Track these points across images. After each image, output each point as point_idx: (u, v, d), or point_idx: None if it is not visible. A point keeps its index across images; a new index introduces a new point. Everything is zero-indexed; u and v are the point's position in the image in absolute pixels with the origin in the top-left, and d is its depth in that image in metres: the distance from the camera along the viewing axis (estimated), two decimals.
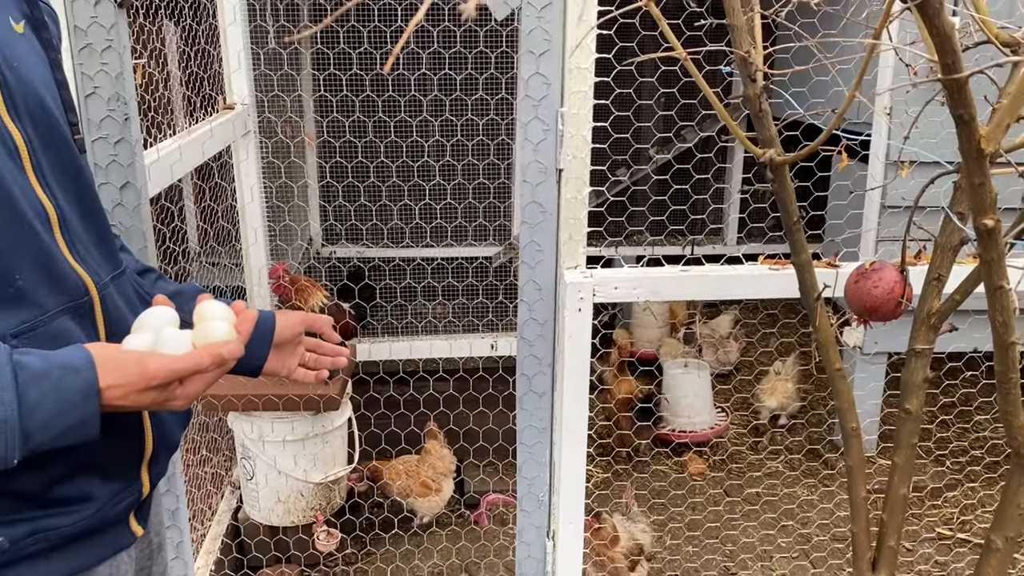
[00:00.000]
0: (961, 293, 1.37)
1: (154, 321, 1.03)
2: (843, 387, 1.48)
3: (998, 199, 1.02)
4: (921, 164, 2.14)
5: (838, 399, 1.49)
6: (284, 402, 2.74)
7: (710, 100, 1.40)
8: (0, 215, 0.95)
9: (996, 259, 1.06)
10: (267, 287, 3.34)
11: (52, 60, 1.09)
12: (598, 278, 1.74)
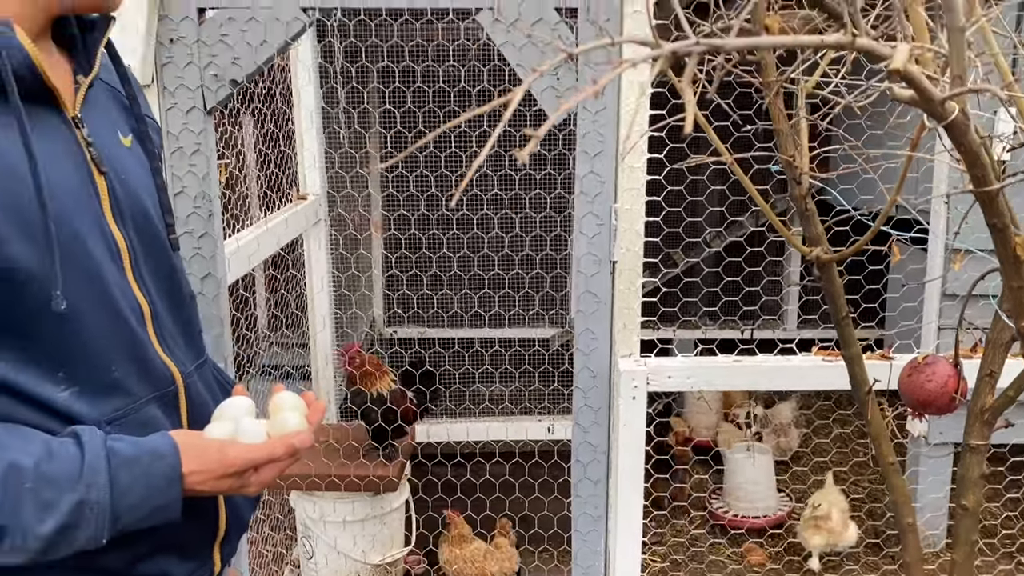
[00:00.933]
0: (1015, 389, 1.38)
1: (233, 411, 1.11)
2: (898, 482, 1.48)
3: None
4: (976, 256, 2.16)
5: (893, 493, 1.49)
6: (346, 483, 2.80)
7: (756, 200, 1.46)
8: (101, 312, 1.05)
9: None
10: (332, 368, 3.45)
11: (154, 168, 1.21)
12: (652, 366, 1.79)
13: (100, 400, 1.05)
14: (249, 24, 1.68)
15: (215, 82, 1.70)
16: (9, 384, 0.97)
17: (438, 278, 3.74)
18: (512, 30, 1.69)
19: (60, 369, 1.01)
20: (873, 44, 0.70)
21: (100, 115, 1.12)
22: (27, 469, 0.93)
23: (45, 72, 0.97)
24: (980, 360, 1.44)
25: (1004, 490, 3.53)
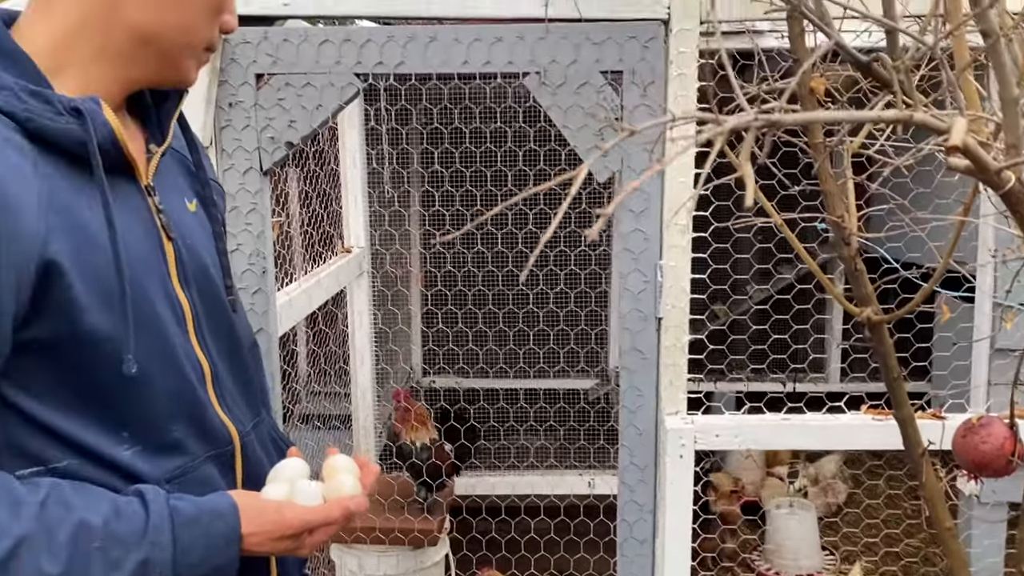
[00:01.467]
0: None
1: (288, 473, 1.13)
2: (955, 547, 1.45)
3: None
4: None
5: (949, 558, 1.45)
6: (390, 537, 2.80)
7: (804, 259, 1.47)
8: (166, 374, 1.08)
9: None
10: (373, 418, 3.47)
11: (216, 232, 1.25)
12: (699, 425, 1.78)
13: (161, 459, 1.08)
14: (305, 89, 1.74)
15: (271, 144, 1.76)
16: (79, 443, 1.00)
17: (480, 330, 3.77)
18: (558, 93, 1.73)
19: (125, 429, 1.04)
20: (930, 119, 0.72)
21: (169, 182, 1.16)
22: (96, 528, 0.95)
23: (126, 145, 1.02)
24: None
25: None
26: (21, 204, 0.90)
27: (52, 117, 0.95)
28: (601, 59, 1.71)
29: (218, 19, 1.08)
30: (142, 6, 1.00)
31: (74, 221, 0.96)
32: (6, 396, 0.96)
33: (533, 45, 1.70)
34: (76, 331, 0.96)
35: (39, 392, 0.98)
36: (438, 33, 1.71)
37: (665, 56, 1.71)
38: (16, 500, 0.92)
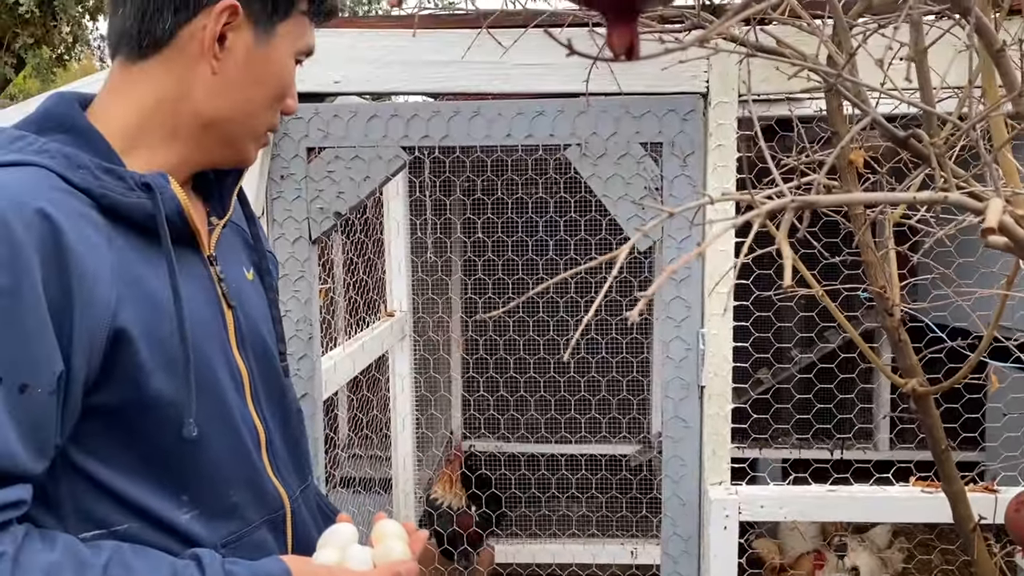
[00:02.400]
0: None
1: (338, 539, 1.15)
2: None
3: None
4: None
5: None
6: None
7: (846, 328, 1.46)
8: (225, 438, 1.11)
9: None
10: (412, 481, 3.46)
11: (271, 300, 1.29)
12: (743, 495, 1.76)
13: (218, 524, 1.10)
14: (353, 161, 1.80)
15: (320, 214, 1.82)
16: (140, 507, 1.03)
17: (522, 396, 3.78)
18: (598, 164, 1.77)
19: (185, 493, 1.06)
20: (966, 200, 0.73)
21: (229, 252, 1.21)
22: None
23: (192, 217, 1.07)
24: None
25: None
26: (96, 275, 0.95)
27: (124, 193, 1.00)
28: (641, 131, 1.75)
29: (280, 104, 1.14)
30: (211, 95, 1.06)
31: (142, 290, 1.01)
32: (74, 461, 0.99)
33: (574, 118, 1.75)
34: (142, 396, 1.00)
35: (105, 456, 1.01)
36: (481, 108, 1.76)
37: (704, 128, 1.75)
38: (81, 563, 0.94)
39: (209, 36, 1.03)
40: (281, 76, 1.12)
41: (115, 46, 1.08)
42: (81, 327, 0.93)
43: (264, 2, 1.06)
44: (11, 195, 0.91)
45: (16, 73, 8.57)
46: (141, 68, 1.05)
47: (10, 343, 0.90)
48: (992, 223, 0.69)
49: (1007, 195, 0.92)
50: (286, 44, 1.10)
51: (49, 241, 0.91)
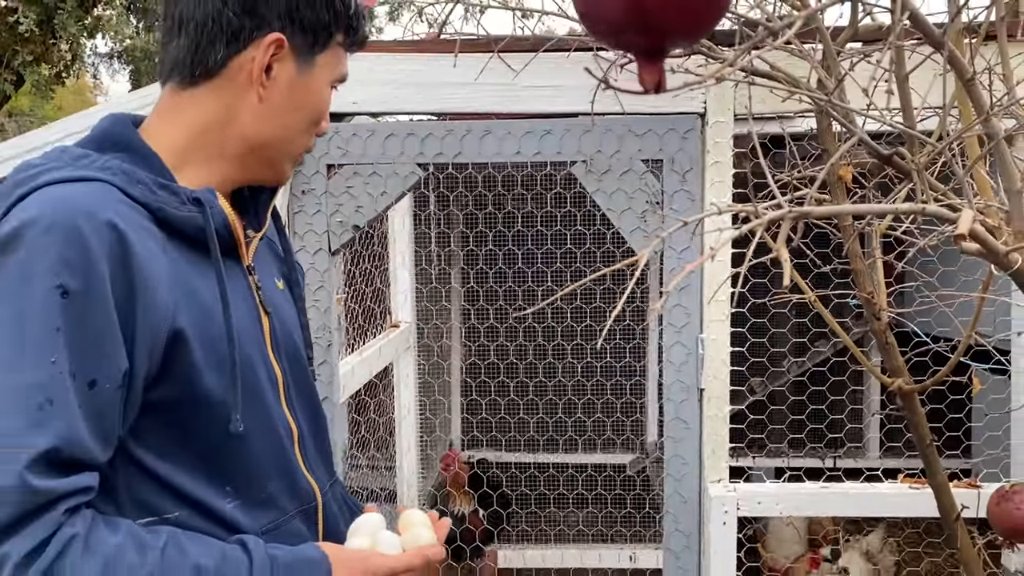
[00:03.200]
0: None
1: (368, 527, 1.24)
2: None
3: None
4: None
5: None
6: None
7: (837, 332, 1.57)
8: (264, 434, 1.20)
9: None
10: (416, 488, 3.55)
11: (299, 308, 1.39)
12: (742, 492, 1.86)
13: (257, 513, 1.19)
14: (371, 177, 1.91)
15: (340, 227, 1.92)
16: (190, 496, 1.12)
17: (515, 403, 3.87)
18: (603, 179, 1.88)
19: (229, 484, 1.15)
20: (941, 211, 0.84)
21: (264, 263, 1.31)
22: (208, 570, 1.05)
23: (237, 230, 1.17)
24: None
25: None
26: (157, 281, 1.04)
27: (177, 207, 1.10)
28: (643, 148, 1.86)
29: (316, 128, 1.24)
30: (256, 121, 1.16)
31: (194, 296, 1.10)
32: (132, 453, 1.08)
33: (580, 137, 1.86)
34: (194, 393, 1.09)
35: (159, 450, 1.09)
36: (492, 127, 1.87)
37: (702, 146, 1.86)
38: (142, 544, 1.03)
39: (257, 67, 1.13)
40: (319, 102, 1.22)
41: (167, 73, 1.17)
42: (144, 328, 1.03)
43: (306, 36, 1.16)
44: (82, 207, 1.01)
45: (15, 90, 8.69)
46: (191, 94, 1.15)
47: (82, 342, 0.98)
48: (963, 231, 0.80)
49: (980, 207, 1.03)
50: (324, 73, 1.20)
51: (116, 249, 1.00)
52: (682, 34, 0.55)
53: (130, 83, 11.44)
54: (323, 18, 1.16)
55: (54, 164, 1.09)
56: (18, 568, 0.94)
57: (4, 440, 0.95)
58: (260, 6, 1.12)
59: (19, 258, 0.97)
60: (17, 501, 0.94)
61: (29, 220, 0.98)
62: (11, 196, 1.05)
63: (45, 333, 0.97)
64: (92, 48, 10.15)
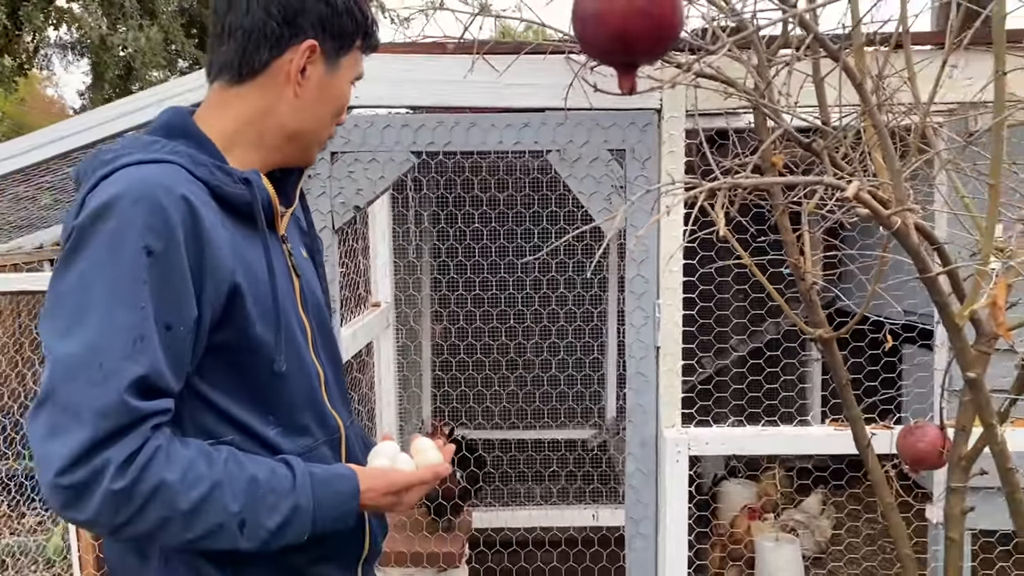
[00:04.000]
0: (982, 441, 1.74)
1: (387, 450, 1.49)
2: (895, 519, 1.82)
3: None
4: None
5: (892, 531, 1.82)
6: (412, 556, 3.13)
7: (772, 294, 1.88)
8: (299, 374, 1.41)
9: (984, 402, 1.46)
10: None
11: (320, 274, 1.63)
12: (692, 435, 2.16)
13: (295, 438, 1.41)
14: (370, 164, 2.17)
15: (342, 208, 2.18)
16: (241, 423, 1.34)
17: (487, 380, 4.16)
18: (574, 166, 2.17)
19: (272, 414, 1.38)
20: (835, 182, 1.13)
21: (292, 235, 1.55)
22: (262, 481, 1.28)
23: (276, 205, 1.41)
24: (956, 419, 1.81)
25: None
26: (220, 245, 1.26)
27: (231, 185, 1.33)
28: (608, 140, 2.15)
29: (337, 119, 1.48)
30: (293, 113, 1.38)
31: (246, 260, 1.33)
32: (196, 388, 1.30)
33: (554, 129, 2.14)
34: (247, 338, 1.31)
35: (217, 385, 1.32)
36: (478, 120, 2.15)
37: (658, 137, 2.16)
38: (209, 457, 1.26)
39: (295, 68, 1.35)
40: (342, 97, 1.45)
41: (216, 73, 1.39)
42: (210, 283, 1.25)
43: (334, 42, 1.39)
44: (160, 183, 1.22)
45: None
46: (238, 91, 1.37)
47: (162, 293, 1.20)
48: (849, 194, 1.10)
49: (872, 183, 1.34)
50: (347, 72, 1.43)
51: (189, 218, 1.22)
52: (649, 55, 0.83)
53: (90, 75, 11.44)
54: (348, 27, 1.39)
55: (131, 148, 1.30)
56: (118, 470, 1.15)
57: (109, 365, 1.16)
58: (298, 17, 1.34)
59: (111, 226, 1.18)
60: (118, 416, 1.15)
61: (118, 194, 1.19)
62: (94, 176, 1.25)
63: (135, 284, 1.18)
64: (56, 39, 10.18)
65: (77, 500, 1.15)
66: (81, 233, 1.20)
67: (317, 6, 1.34)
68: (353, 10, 1.38)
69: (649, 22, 0.81)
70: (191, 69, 12.78)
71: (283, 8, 1.32)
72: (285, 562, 1.41)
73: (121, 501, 1.16)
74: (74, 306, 1.18)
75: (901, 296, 2.55)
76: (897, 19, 1.58)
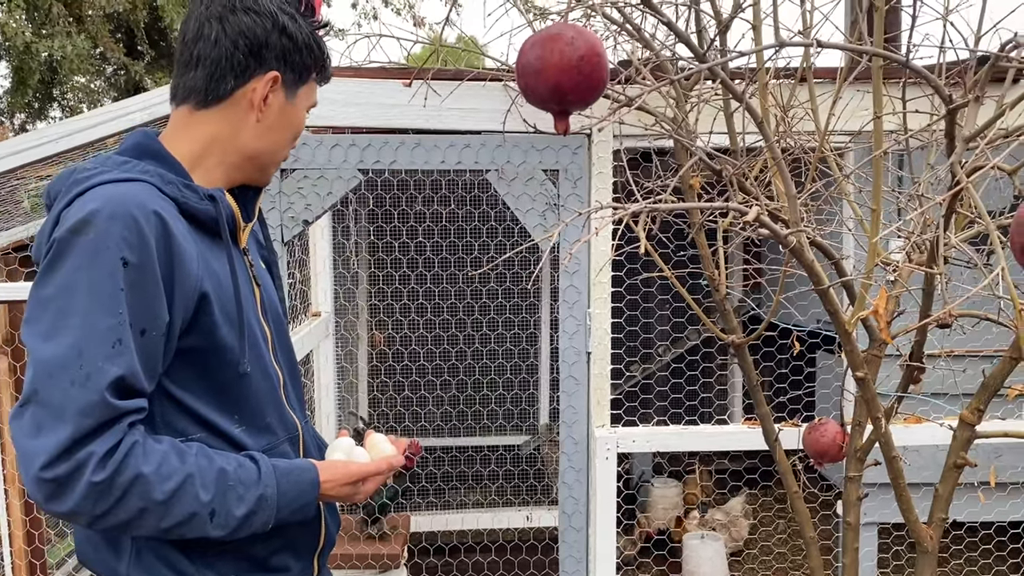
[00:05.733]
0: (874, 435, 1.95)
1: (343, 445, 1.62)
2: (800, 506, 2.03)
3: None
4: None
5: (797, 517, 2.03)
6: (357, 556, 3.23)
7: (690, 304, 2.07)
8: (261, 376, 1.52)
9: (871, 399, 1.67)
10: None
11: (277, 284, 1.75)
12: (620, 434, 2.34)
13: (258, 437, 1.52)
14: (319, 180, 2.29)
15: (292, 222, 2.29)
16: (208, 422, 1.45)
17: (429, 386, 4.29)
18: (511, 184, 2.33)
19: (237, 414, 1.48)
20: (738, 206, 1.32)
21: (252, 247, 1.66)
22: (230, 473, 1.39)
23: (238, 220, 1.52)
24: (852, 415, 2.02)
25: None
26: (189, 257, 1.37)
27: (198, 201, 1.44)
28: (543, 161, 2.32)
29: (294, 142, 1.61)
30: (255, 137, 1.50)
31: (212, 270, 1.44)
32: (166, 388, 1.40)
33: (493, 150, 2.30)
34: (214, 342, 1.42)
35: (187, 386, 1.42)
36: (422, 140, 2.29)
37: (589, 159, 2.33)
38: (181, 452, 1.37)
39: (258, 97, 1.47)
40: (299, 123, 1.57)
41: (183, 97, 1.50)
42: (179, 291, 1.36)
43: (294, 74, 1.51)
44: (135, 200, 1.33)
45: None
46: (203, 115, 1.48)
47: (138, 300, 1.30)
48: (750, 219, 1.28)
49: (772, 206, 1.53)
50: (303, 101, 1.56)
51: (161, 232, 1.32)
52: (580, 104, 1.00)
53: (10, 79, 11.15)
54: (307, 61, 1.51)
55: (104, 168, 1.40)
56: (98, 464, 1.25)
57: (90, 366, 1.25)
58: (263, 50, 1.46)
59: (91, 238, 1.28)
60: (99, 414, 1.25)
61: (95, 209, 1.29)
62: (70, 192, 1.35)
63: (114, 292, 1.27)
64: None
65: (60, 492, 1.24)
66: (62, 245, 1.29)
67: (280, 41, 1.46)
68: (312, 46, 1.51)
69: (580, 77, 0.97)
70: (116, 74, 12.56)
71: (250, 42, 1.44)
72: (249, 553, 1.51)
73: (101, 492, 1.25)
74: (56, 311, 1.27)
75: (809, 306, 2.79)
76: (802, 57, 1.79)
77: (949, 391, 2.48)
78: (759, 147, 1.76)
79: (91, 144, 2.21)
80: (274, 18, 1.45)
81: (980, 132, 1.11)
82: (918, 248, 1.67)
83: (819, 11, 1.68)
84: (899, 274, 1.78)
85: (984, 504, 2.79)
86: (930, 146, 1.88)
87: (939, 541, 1.78)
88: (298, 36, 1.47)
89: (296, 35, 1.47)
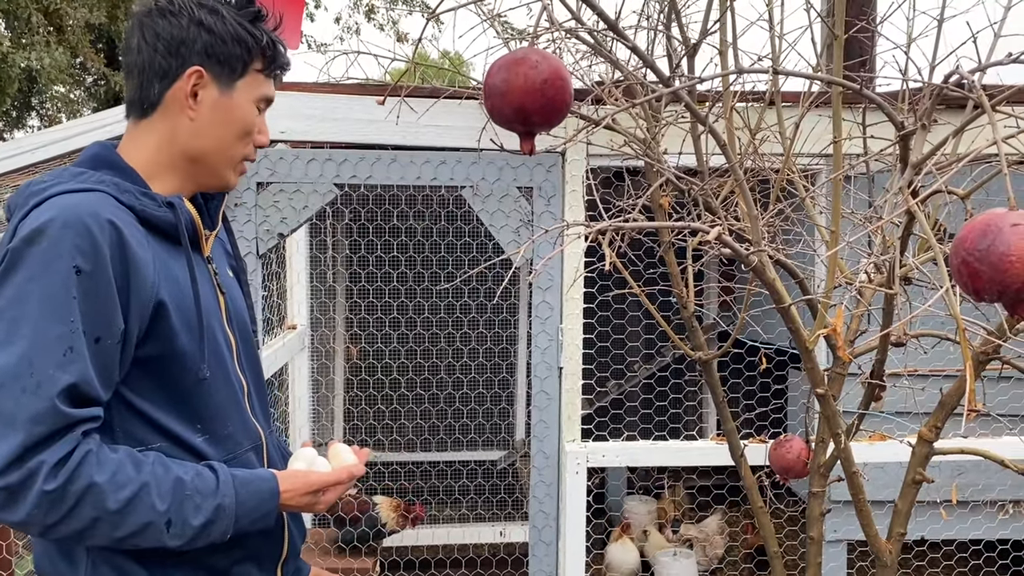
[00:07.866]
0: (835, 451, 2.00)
1: (306, 455, 1.63)
2: (764, 520, 2.06)
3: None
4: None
5: (762, 531, 2.06)
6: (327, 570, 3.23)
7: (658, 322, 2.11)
8: (223, 385, 1.52)
9: (832, 415, 1.71)
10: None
11: (245, 292, 1.76)
12: (591, 448, 2.37)
13: (220, 446, 1.52)
14: (295, 194, 2.31)
15: (267, 235, 2.31)
16: (169, 431, 1.44)
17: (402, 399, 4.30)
18: (486, 201, 2.36)
19: (199, 422, 1.48)
20: (702, 226, 1.35)
21: (217, 256, 1.66)
22: (187, 482, 1.39)
23: (199, 227, 1.53)
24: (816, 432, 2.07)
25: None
26: (144, 264, 1.37)
27: (156, 208, 1.43)
28: (517, 178, 2.36)
29: (250, 139, 1.55)
30: (192, 137, 1.48)
31: (171, 277, 1.44)
32: (125, 397, 1.39)
33: (468, 167, 2.34)
34: (172, 349, 1.41)
35: (145, 395, 1.42)
36: (398, 156, 2.32)
37: (562, 177, 2.37)
38: (137, 461, 1.36)
39: (183, 93, 1.46)
40: (244, 118, 1.52)
41: (128, 110, 1.50)
42: (136, 299, 1.35)
43: (223, 67, 1.48)
44: (88, 210, 1.32)
45: None
46: (146, 124, 1.48)
47: (91, 308, 1.30)
48: (711, 237, 1.32)
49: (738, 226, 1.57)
50: (245, 94, 1.51)
51: (115, 240, 1.32)
52: (545, 126, 1.03)
53: None
54: (235, 52, 1.48)
55: (60, 179, 1.40)
56: (50, 472, 1.25)
57: (41, 374, 1.25)
58: (181, 48, 1.44)
59: (44, 247, 1.28)
60: (51, 422, 1.25)
61: (49, 219, 1.29)
62: (27, 204, 1.35)
63: (66, 300, 1.27)
64: None
65: (11, 501, 1.24)
66: (15, 255, 1.29)
67: (200, 35, 1.44)
68: (242, 36, 1.47)
69: (544, 100, 1.01)
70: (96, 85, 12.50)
71: (167, 43, 1.43)
72: (209, 564, 1.51)
73: (53, 501, 1.25)
74: (9, 321, 1.27)
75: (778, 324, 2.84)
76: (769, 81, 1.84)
77: (912, 410, 2.54)
78: (727, 168, 1.80)
79: (67, 155, 2.22)
80: (191, 14, 1.44)
81: (926, 158, 1.15)
82: (878, 269, 1.72)
83: (785, 39, 1.74)
84: (860, 294, 1.83)
85: (946, 521, 2.85)
86: (894, 170, 1.94)
87: (899, 556, 1.82)
88: (219, 28, 1.45)
89: (216, 27, 1.45)
